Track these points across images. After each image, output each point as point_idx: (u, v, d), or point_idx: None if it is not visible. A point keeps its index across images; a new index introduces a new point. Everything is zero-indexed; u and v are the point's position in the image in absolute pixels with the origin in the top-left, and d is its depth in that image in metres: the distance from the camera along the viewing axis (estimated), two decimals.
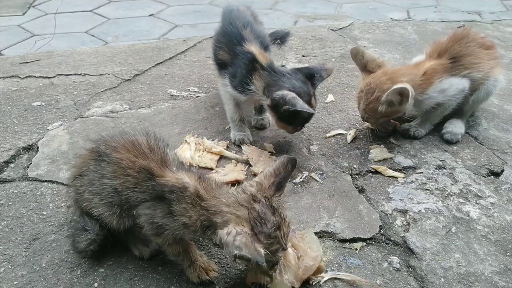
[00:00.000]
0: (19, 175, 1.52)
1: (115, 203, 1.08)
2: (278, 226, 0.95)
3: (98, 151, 1.11)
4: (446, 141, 1.74)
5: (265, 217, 0.94)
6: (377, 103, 1.58)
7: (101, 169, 1.07)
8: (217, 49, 1.78)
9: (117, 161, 1.06)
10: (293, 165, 1.07)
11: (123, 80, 2.22)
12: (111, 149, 1.08)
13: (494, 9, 3.74)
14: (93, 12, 3.67)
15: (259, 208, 0.95)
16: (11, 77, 2.23)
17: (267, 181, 1.02)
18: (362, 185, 1.51)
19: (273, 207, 0.97)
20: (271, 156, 1.64)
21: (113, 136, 1.13)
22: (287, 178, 1.05)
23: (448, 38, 1.74)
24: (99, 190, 1.08)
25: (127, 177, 1.04)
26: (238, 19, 1.75)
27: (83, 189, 1.11)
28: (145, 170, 1.04)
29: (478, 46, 1.72)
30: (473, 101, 1.76)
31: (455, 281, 1.15)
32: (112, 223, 1.11)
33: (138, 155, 1.06)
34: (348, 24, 3.08)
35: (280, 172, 1.04)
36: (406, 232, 1.31)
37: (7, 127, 1.80)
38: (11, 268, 1.16)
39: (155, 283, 1.13)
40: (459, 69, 1.69)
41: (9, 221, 1.32)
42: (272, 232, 0.94)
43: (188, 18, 3.55)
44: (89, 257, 1.19)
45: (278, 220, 0.96)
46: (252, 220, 0.93)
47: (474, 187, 1.50)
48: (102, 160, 1.08)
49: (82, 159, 1.15)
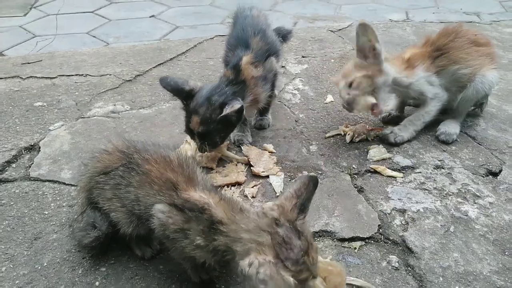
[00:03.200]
0: (21, 175, 1.53)
1: (134, 213, 1.08)
2: (305, 251, 0.87)
3: (129, 157, 1.10)
4: (441, 142, 1.74)
5: (290, 242, 0.86)
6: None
7: (130, 176, 1.08)
8: (228, 51, 1.80)
9: (146, 171, 1.06)
10: (314, 184, 0.98)
11: (124, 81, 2.23)
12: (143, 160, 1.08)
13: (493, 10, 3.75)
14: (95, 13, 3.69)
15: (283, 233, 0.87)
16: (13, 78, 2.25)
17: (289, 203, 0.93)
18: (361, 185, 1.52)
19: (298, 231, 0.89)
20: (271, 156, 1.65)
21: (146, 147, 1.13)
22: (310, 199, 0.96)
23: (439, 33, 1.75)
24: (122, 196, 1.09)
25: (152, 185, 1.05)
26: (251, 26, 1.76)
27: (108, 188, 1.11)
28: (170, 182, 1.04)
29: (468, 42, 1.72)
30: (462, 99, 1.75)
31: (454, 280, 1.16)
32: (126, 229, 1.11)
33: (167, 169, 1.07)
34: (348, 25, 3.10)
35: (302, 192, 0.95)
36: (405, 231, 1.32)
37: (9, 127, 1.81)
38: (12, 267, 1.17)
39: (156, 282, 1.14)
40: (444, 61, 1.69)
41: (10, 221, 1.33)
42: (300, 258, 0.85)
43: (189, 19, 3.56)
44: (90, 254, 1.20)
45: (305, 244, 0.88)
46: (277, 245, 0.86)
47: (472, 187, 1.50)
48: (132, 168, 1.08)
49: (110, 157, 1.13)
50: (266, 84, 1.69)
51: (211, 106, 1.47)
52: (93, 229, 1.15)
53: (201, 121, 1.47)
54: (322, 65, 2.43)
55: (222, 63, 1.91)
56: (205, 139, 1.50)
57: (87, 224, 1.17)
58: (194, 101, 1.50)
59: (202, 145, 1.52)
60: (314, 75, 2.31)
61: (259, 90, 1.66)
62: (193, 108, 1.49)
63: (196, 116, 1.48)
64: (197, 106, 1.48)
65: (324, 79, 2.27)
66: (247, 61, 1.62)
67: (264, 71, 1.67)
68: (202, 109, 1.47)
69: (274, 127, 1.85)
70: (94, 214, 1.17)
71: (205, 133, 1.49)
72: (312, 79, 2.27)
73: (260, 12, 1.91)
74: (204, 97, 1.49)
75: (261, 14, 1.90)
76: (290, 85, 2.20)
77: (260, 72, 1.65)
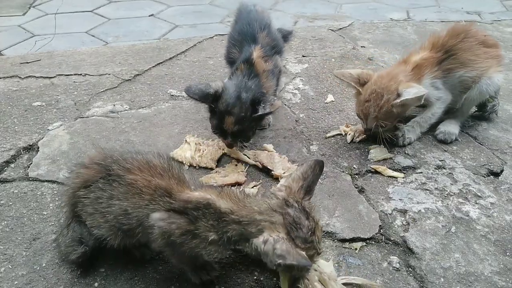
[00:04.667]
0: (19, 175, 1.52)
1: (119, 228, 1.04)
2: (313, 231, 0.94)
3: (108, 169, 1.06)
4: (440, 141, 1.73)
5: (299, 221, 0.92)
6: (389, 105, 1.55)
7: (111, 189, 1.03)
8: (231, 47, 1.79)
9: (131, 181, 1.02)
10: (320, 168, 1.05)
11: (123, 80, 2.22)
12: (124, 170, 1.04)
13: (494, 10, 3.74)
14: (94, 13, 3.67)
15: (293, 213, 0.93)
16: (11, 77, 2.24)
17: (296, 185, 0.99)
18: (362, 185, 1.51)
19: (306, 211, 0.95)
20: (281, 156, 1.62)
21: (124, 156, 1.08)
22: (315, 182, 1.03)
23: (447, 32, 1.72)
24: (105, 211, 1.04)
25: (141, 196, 1.01)
26: (256, 20, 1.75)
27: (88, 203, 1.07)
28: (161, 189, 1.01)
29: (477, 42, 1.70)
30: (466, 99, 1.74)
31: (455, 281, 1.15)
32: (113, 242, 1.08)
33: (154, 175, 1.03)
34: (348, 25, 3.09)
35: (308, 175, 1.01)
36: (406, 232, 1.31)
37: (8, 127, 1.80)
38: (11, 268, 1.17)
39: (155, 283, 1.13)
40: (452, 64, 1.67)
41: (9, 221, 1.32)
42: (309, 236, 0.92)
43: (188, 18, 3.55)
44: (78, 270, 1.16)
45: (313, 224, 0.94)
46: (288, 225, 0.91)
47: (473, 187, 1.50)
48: (113, 180, 1.03)
49: (89, 171, 1.09)
50: (274, 78, 1.70)
51: (243, 105, 1.48)
52: (79, 245, 1.12)
53: (236, 121, 1.48)
54: (322, 64, 2.43)
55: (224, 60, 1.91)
56: (239, 137, 1.53)
57: (73, 240, 1.13)
58: (224, 102, 1.48)
59: (234, 143, 1.55)
60: (314, 75, 2.30)
61: (269, 83, 1.66)
62: (225, 109, 1.48)
63: (231, 116, 1.48)
64: (229, 106, 1.48)
65: (324, 78, 2.26)
66: (258, 54, 1.62)
67: (272, 65, 1.68)
68: (236, 109, 1.48)
69: (274, 127, 1.84)
70: (80, 229, 1.12)
71: (240, 131, 1.50)
72: (313, 78, 2.26)
73: (263, 9, 1.91)
74: (234, 97, 1.48)
75: (264, 11, 1.90)
76: (291, 85, 2.19)
77: (270, 66, 1.66)
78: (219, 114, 1.50)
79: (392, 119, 1.62)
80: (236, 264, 1.19)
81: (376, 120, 1.60)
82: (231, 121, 1.48)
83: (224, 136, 1.54)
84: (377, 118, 1.60)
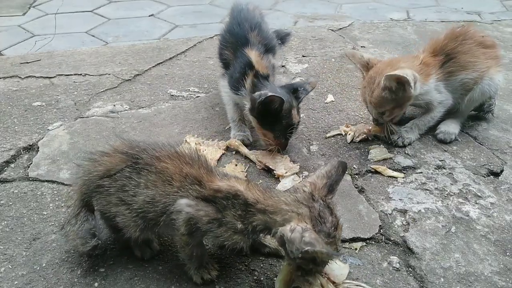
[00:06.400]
0: (19, 175, 1.52)
1: (143, 217, 1.05)
2: (335, 227, 0.96)
3: (135, 158, 1.07)
4: (440, 141, 1.73)
5: (324, 216, 0.95)
6: (379, 89, 1.55)
7: (138, 177, 1.05)
8: (223, 48, 1.79)
9: (162, 169, 1.04)
10: (343, 169, 1.08)
11: (123, 80, 2.22)
12: (154, 159, 1.06)
13: (494, 10, 3.74)
14: (94, 13, 3.67)
15: (318, 207, 0.96)
16: (11, 77, 2.23)
17: (320, 182, 1.02)
18: (362, 185, 1.51)
19: (330, 208, 0.98)
20: (283, 155, 1.62)
21: (152, 145, 1.10)
22: (338, 182, 1.06)
23: (445, 35, 1.73)
24: (130, 199, 1.05)
25: (171, 183, 1.03)
26: (246, 20, 1.74)
27: (113, 191, 1.07)
28: (192, 176, 1.03)
29: (476, 44, 1.70)
30: (468, 100, 1.74)
31: (455, 281, 1.15)
32: (133, 233, 1.08)
33: (184, 164, 1.06)
34: (348, 25, 3.09)
35: (332, 174, 1.04)
36: (406, 232, 1.31)
37: (8, 127, 1.80)
38: (11, 268, 1.17)
39: (155, 283, 1.13)
40: (453, 67, 1.68)
41: (9, 221, 1.32)
42: (332, 231, 0.95)
43: (188, 18, 3.55)
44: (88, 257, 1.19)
45: (335, 221, 0.97)
46: (313, 218, 0.94)
47: (473, 187, 1.50)
48: (141, 168, 1.05)
49: (113, 159, 1.09)
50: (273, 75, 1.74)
51: (290, 96, 1.57)
52: (92, 238, 1.13)
53: (298, 110, 1.60)
54: (322, 64, 2.43)
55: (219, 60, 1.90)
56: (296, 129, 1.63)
57: (86, 232, 1.13)
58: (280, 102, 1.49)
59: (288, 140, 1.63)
60: (314, 75, 2.30)
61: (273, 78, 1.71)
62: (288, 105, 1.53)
63: (294, 108, 1.57)
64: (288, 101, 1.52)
65: (324, 78, 2.26)
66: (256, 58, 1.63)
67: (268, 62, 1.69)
68: (293, 101, 1.57)
69: None
70: (94, 221, 1.14)
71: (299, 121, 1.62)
72: (313, 78, 2.26)
73: (256, 7, 1.90)
74: (281, 94, 1.51)
75: (256, 9, 1.89)
76: None
77: (268, 62, 1.68)
78: (286, 112, 1.53)
79: (389, 105, 1.59)
80: (236, 264, 1.19)
81: (373, 106, 1.61)
82: (296, 112, 1.58)
83: (290, 133, 1.59)
84: (372, 104, 1.61)
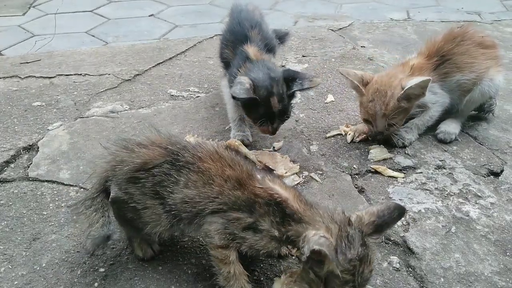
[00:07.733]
0: (19, 175, 1.52)
1: (176, 214, 1.03)
2: (361, 259, 0.90)
3: (175, 154, 1.05)
4: (440, 141, 1.73)
5: (352, 242, 0.90)
6: (395, 101, 1.55)
7: (178, 175, 1.03)
8: (224, 47, 1.79)
9: (205, 169, 1.02)
10: (400, 214, 0.99)
11: (123, 80, 2.22)
12: (196, 158, 1.04)
13: (494, 9, 3.74)
14: (93, 13, 3.67)
15: (349, 232, 0.92)
16: (11, 77, 2.23)
17: (368, 218, 0.97)
18: (362, 185, 1.51)
19: (364, 242, 0.93)
20: (283, 155, 1.62)
21: (193, 145, 1.08)
22: (389, 225, 0.99)
23: (443, 36, 1.72)
24: (166, 195, 1.03)
25: (212, 186, 1.01)
26: (247, 19, 1.75)
27: (149, 185, 1.04)
28: (233, 180, 1.01)
29: (474, 45, 1.70)
30: (468, 101, 1.74)
31: (455, 281, 1.15)
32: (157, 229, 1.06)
33: (225, 166, 1.03)
34: (348, 25, 3.09)
35: (384, 215, 0.98)
36: (406, 232, 1.31)
37: (8, 127, 1.80)
38: (11, 268, 1.17)
39: (155, 283, 1.13)
40: (448, 68, 1.67)
41: (9, 221, 1.32)
42: (354, 258, 0.89)
43: (188, 18, 3.55)
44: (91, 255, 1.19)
45: (365, 255, 0.91)
46: (339, 238, 0.90)
47: (473, 187, 1.50)
48: (182, 167, 1.03)
49: (151, 153, 1.06)
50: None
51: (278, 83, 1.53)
52: (107, 242, 1.14)
53: (279, 99, 1.53)
54: (322, 64, 2.43)
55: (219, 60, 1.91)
56: (283, 117, 1.58)
57: (103, 238, 1.11)
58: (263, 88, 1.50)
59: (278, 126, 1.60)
60: (314, 75, 2.30)
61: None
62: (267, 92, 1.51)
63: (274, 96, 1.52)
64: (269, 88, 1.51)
65: (324, 78, 2.26)
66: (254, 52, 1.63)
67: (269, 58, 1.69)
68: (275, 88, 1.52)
69: None
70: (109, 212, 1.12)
71: (285, 109, 1.56)
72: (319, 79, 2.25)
73: (255, 7, 1.90)
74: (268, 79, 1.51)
75: (256, 9, 1.89)
76: None
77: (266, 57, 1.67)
78: (263, 100, 1.50)
79: (402, 115, 1.61)
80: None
81: (385, 119, 1.59)
82: (276, 100, 1.52)
83: (272, 121, 1.56)
84: (385, 116, 1.58)
